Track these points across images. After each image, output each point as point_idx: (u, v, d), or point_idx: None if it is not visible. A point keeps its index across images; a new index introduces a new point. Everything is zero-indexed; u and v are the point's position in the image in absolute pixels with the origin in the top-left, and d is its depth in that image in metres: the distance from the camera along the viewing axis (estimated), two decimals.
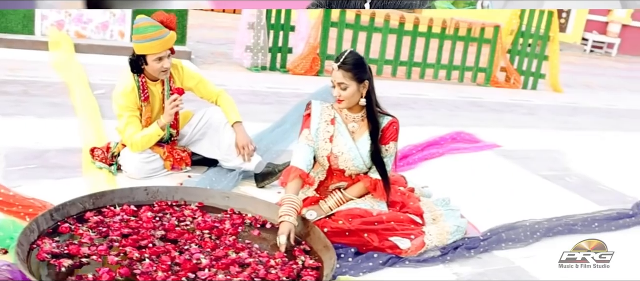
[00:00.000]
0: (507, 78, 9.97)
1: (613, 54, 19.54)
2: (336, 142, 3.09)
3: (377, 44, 8.75)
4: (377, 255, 2.87)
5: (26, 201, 2.89)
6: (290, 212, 2.82)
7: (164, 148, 3.64)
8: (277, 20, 8.07)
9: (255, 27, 7.89)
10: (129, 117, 3.50)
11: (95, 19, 7.71)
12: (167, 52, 3.47)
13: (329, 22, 8.29)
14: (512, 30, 9.84)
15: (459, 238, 3.20)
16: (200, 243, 2.63)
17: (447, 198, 3.62)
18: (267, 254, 2.62)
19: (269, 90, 6.83)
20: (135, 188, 3.01)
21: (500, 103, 8.12)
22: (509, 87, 9.76)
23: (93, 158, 3.60)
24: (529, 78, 9.93)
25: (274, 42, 8.12)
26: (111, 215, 2.79)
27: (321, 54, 8.31)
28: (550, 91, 9.98)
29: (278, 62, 8.22)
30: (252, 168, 3.70)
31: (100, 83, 5.74)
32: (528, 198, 4.27)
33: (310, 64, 8.22)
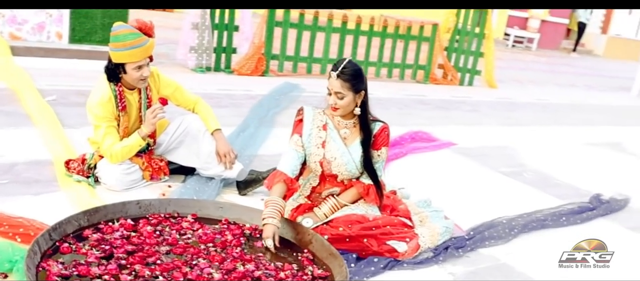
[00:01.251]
0: (445, 75, 10.22)
1: (533, 48, 20.37)
2: (329, 147, 3.11)
3: (321, 43, 8.78)
4: (378, 259, 2.92)
5: (13, 220, 2.76)
6: (273, 214, 2.82)
7: (142, 159, 3.55)
8: (221, 20, 7.97)
9: (199, 27, 7.76)
10: (107, 127, 3.40)
11: (30, 20, 7.39)
12: (147, 60, 3.38)
13: (273, 21, 8.25)
14: (449, 28, 10.10)
15: (448, 239, 3.28)
16: (208, 257, 2.59)
17: (428, 199, 3.70)
18: (275, 267, 2.60)
19: (221, 92, 6.74)
20: (128, 202, 2.92)
21: (444, 101, 8.33)
22: (447, 83, 10.02)
23: (69, 171, 3.47)
24: (465, 75, 10.21)
25: (218, 43, 8.01)
26: (110, 231, 2.70)
27: (266, 54, 8.27)
28: (485, 87, 10.30)
29: (222, 63, 8.12)
30: (234, 176, 3.66)
31: (47, 88, 5.53)
32: (495, 195, 4.42)
33: (255, 64, 8.17)
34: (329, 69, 3.03)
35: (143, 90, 3.54)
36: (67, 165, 3.50)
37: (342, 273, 2.55)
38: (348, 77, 2.95)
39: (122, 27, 3.33)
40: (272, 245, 2.74)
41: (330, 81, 2.98)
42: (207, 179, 3.68)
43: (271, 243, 2.74)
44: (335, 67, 2.97)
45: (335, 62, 3.04)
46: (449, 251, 3.18)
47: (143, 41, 3.32)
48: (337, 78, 2.95)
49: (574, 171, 5.41)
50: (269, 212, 2.83)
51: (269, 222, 2.79)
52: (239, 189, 3.65)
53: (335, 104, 3.01)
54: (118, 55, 3.33)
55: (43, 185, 3.38)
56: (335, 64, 3.01)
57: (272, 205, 2.86)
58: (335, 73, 2.95)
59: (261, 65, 8.21)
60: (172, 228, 2.84)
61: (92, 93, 3.45)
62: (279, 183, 2.97)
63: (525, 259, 3.30)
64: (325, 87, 3.04)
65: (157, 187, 3.58)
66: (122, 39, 3.29)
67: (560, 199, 4.47)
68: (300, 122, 3.16)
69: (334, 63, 3.03)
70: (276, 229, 2.78)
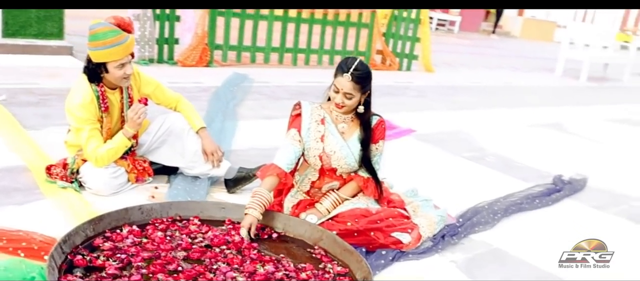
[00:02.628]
0: (383, 60, 10.38)
1: (455, 31, 20.93)
2: (327, 141, 3.11)
3: (263, 32, 8.71)
4: (385, 252, 2.95)
5: (10, 234, 2.62)
6: (255, 206, 2.82)
7: (127, 161, 3.44)
8: (162, 10, 7.76)
9: (141, 18, 7.53)
10: (90, 130, 3.26)
11: None
12: (129, 57, 3.26)
13: (216, 11, 8.11)
14: (386, 15, 10.23)
15: (442, 227, 3.35)
16: (226, 260, 2.55)
17: (415, 188, 3.76)
18: (295, 267, 2.59)
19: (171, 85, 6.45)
20: (130, 208, 2.83)
21: (389, 87, 8.44)
22: (386, 69, 10.17)
23: (51, 177, 3.32)
24: (403, 60, 10.39)
25: (160, 33, 7.81)
26: (120, 239, 2.61)
27: (210, 44, 8.13)
28: (423, 71, 10.51)
29: (165, 54, 7.93)
30: (222, 174, 3.60)
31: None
32: (466, 181, 4.54)
33: (200, 55, 8.02)
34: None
35: (125, 89, 3.41)
36: (49, 171, 3.34)
37: (363, 268, 2.57)
38: (360, 79, 2.96)
39: (100, 25, 3.20)
40: (246, 234, 2.73)
41: (340, 81, 2.96)
42: (192, 178, 3.61)
43: (245, 233, 2.73)
44: (347, 68, 2.94)
45: (343, 60, 3.02)
46: (446, 240, 3.26)
47: (123, 38, 3.20)
48: (349, 80, 2.93)
49: (529, 153, 5.62)
50: (251, 203, 2.83)
51: (249, 213, 2.79)
52: (228, 187, 3.60)
53: (342, 103, 3.00)
54: (98, 55, 3.20)
55: (24, 193, 3.21)
56: (344, 63, 2.98)
57: (257, 197, 2.85)
58: (347, 75, 2.93)
59: (205, 56, 8.07)
60: (181, 232, 2.78)
61: (71, 95, 3.30)
62: (271, 176, 2.95)
63: (515, 242, 3.42)
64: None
65: (143, 189, 3.47)
66: (102, 38, 3.16)
67: (526, 181, 4.65)
68: (297, 116, 3.14)
69: (343, 62, 3.00)
70: (255, 221, 2.78)
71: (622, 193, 4.72)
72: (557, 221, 3.88)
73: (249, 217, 2.77)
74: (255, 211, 2.79)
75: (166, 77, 6.77)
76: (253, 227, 2.77)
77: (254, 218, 2.78)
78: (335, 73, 3.02)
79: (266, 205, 2.86)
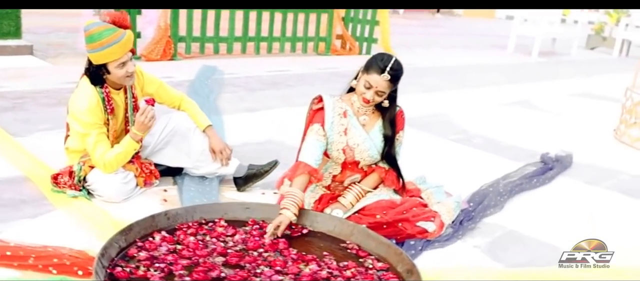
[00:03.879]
0: (343, 44, 10.38)
1: (400, 12, 21.07)
2: (351, 134, 3.07)
3: (225, 21, 8.57)
4: (414, 242, 2.95)
5: (38, 251, 2.50)
6: (290, 206, 2.77)
7: (135, 165, 3.32)
8: None
9: (101, 13, 7.27)
10: (97, 135, 3.13)
11: None
12: (129, 54, 3.14)
13: None
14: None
15: (459, 213, 3.37)
16: (266, 263, 2.49)
17: (423, 175, 3.76)
18: (337, 265, 2.55)
19: None
20: (156, 215, 2.73)
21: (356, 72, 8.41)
22: (347, 53, 10.18)
23: (58, 186, 3.18)
24: (363, 44, 10.40)
25: None
26: (153, 247, 2.53)
27: (173, 37, 7.94)
28: None
29: None
30: (231, 173, 3.53)
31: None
32: (461, 164, 4.60)
33: (164, 49, 7.82)
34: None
35: (129, 89, 3.30)
36: (55, 180, 3.20)
37: (404, 261, 2.56)
38: (395, 78, 2.94)
39: (94, 25, 3.07)
40: (270, 231, 2.69)
41: (375, 78, 2.92)
42: (200, 179, 3.52)
43: (271, 230, 2.69)
44: (384, 66, 2.90)
45: (376, 57, 2.96)
46: (464, 225, 3.28)
47: (120, 35, 3.07)
48: (387, 80, 2.91)
49: (510, 132, 5.73)
50: (286, 203, 2.78)
51: (284, 213, 2.74)
52: (238, 185, 3.53)
53: (373, 100, 2.97)
54: (97, 56, 3.08)
55: (33, 205, 3.07)
56: (380, 60, 2.92)
57: (291, 197, 2.81)
58: (385, 74, 2.89)
59: (170, 49, 7.89)
60: (211, 235, 2.70)
61: (75, 100, 3.15)
62: (302, 174, 2.90)
63: (526, 223, 3.48)
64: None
65: (152, 193, 3.37)
66: (97, 38, 3.03)
67: (516, 161, 4.73)
68: (319, 111, 3.08)
69: (377, 59, 2.94)
70: (288, 221, 2.74)
71: (607, 167, 4.86)
72: (558, 199, 3.97)
73: (282, 216, 2.72)
74: (289, 211, 2.74)
75: None
76: (282, 227, 2.71)
77: (287, 218, 2.72)
78: (367, 69, 2.97)
79: (300, 205, 2.81)
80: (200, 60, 7.89)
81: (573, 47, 14.57)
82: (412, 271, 2.49)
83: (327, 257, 2.61)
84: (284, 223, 2.73)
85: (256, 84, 6.88)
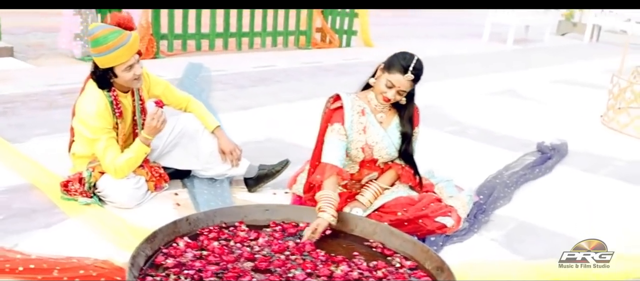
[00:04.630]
0: (323, 38, 10.36)
1: None
2: (369, 132, 3.06)
3: (207, 17, 8.48)
4: (434, 238, 2.95)
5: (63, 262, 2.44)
6: (327, 208, 2.75)
7: (145, 169, 3.26)
8: None
9: (83, 13, 7.15)
10: (107, 140, 3.07)
11: None
12: (136, 57, 3.08)
13: None
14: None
15: (472, 207, 3.38)
16: (296, 267, 2.47)
17: (431, 169, 3.77)
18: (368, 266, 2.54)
19: None
20: (178, 221, 2.68)
21: (341, 65, 8.44)
22: (328, 46, 10.16)
23: (69, 194, 3.10)
24: (343, 36, 10.39)
25: None
26: (179, 253, 2.48)
27: (155, 35, 7.82)
28: (362, 46, 10.56)
29: None
30: (242, 173, 3.49)
31: None
32: (460, 155, 4.62)
33: (146, 47, 7.70)
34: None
35: (136, 91, 3.24)
36: (66, 188, 3.12)
37: (432, 258, 2.56)
38: (418, 77, 2.92)
39: (99, 28, 2.99)
40: (307, 235, 2.67)
41: (398, 78, 2.90)
42: (209, 180, 3.47)
43: (309, 234, 2.67)
44: (407, 66, 2.88)
45: (399, 56, 2.93)
46: (478, 219, 3.30)
47: (126, 37, 3.00)
48: (410, 80, 2.90)
49: (503, 122, 5.78)
50: (324, 206, 2.75)
51: (322, 216, 2.72)
52: (248, 186, 3.49)
53: (394, 99, 2.95)
54: (103, 60, 3.00)
55: (45, 214, 2.99)
56: (402, 59, 2.90)
57: (327, 199, 2.78)
58: (409, 75, 2.88)
59: (152, 47, 7.77)
60: (235, 240, 2.67)
61: (83, 104, 3.09)
62: (332, 176, 2.88)
63: (536, 214, 3.52)
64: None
65: (163, 197, 3.32)
66: (103, 42, 2.95)
67: (513, 151, 4.78)
68: (338, 110, 3.05)
69: (399, 58, 2.91)
70: (327, 223, 2.71)
71: (602, 154, 4.94)
72: (561, 188, 4.02)
73: (320, 219, 2.70)
74: (326, 214, 2.71)
75: None
76: (320, 229, 2.69)
77: (325, 221, 2.70)
78: (388, 68, 2.94)
79: (337, 207, 2.79)
80: (183, 58, 7.77)
81: (546, 33, 14.78)
82: (442, 268, 2.49)
83: (356, 257, 2.59)
84: (322, 226, 2.70)
85: (244, 81, 6.82)
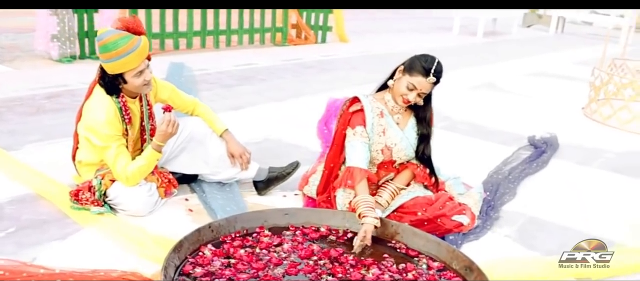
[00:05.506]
0: (298, 34, 10.33)
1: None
2: (388, 134, 3.06)
3: (184, 15, 8.38)
4: (453, 237, 2.97)
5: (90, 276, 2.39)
6: (369, 212, 2.77)
7: (155, 175, 3.21)
8: None
9: (59, 13, 6.99)
10: (117, 147, 3.01)
11: None
12: (146, 62, 3.03)
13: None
14: None
15: (482, 204, 3.42)
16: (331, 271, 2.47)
17: (438, 167, 3.78)
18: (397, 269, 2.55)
19: None
20: (202, 229, 2.65)
21: (322, 62, 8.43)
22: (304, 43, 10.13)
23: (79, 203, 3.03)
24: (318, 32, 10.38)
25: (80, 27, 7.29)
26: (207, 262, 2.46)
27: None
28: (338, 42, 10.56)
29: (87, 49, 7.42)
30: (251, 177, 3.45)
31: None
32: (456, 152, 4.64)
33: None
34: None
35: (143, 96, 3.18)
36: (77, 197, 3.04)
37: (459, 258, 2.58)
38: (438, 80, 2.93)
39: (109, 33, 2.92)
40: (358, 243, 2.68)
41: (420, 81, 2.90)
42: (218, 184, 3.44)
43: (358, 242, 2.68)
44: (429, 69, 2.88)
45: (420, 59, 2.92)
46: (490, 216, 3.33)
47: (136, 43, 2.94)
48: (432, 83, 2.92)
49: (490, 116, 5.85)
50: (365, 210, 2.77)
51: (367, 221, 2.73)
52: (258, 189, 3.46)
53: (415, 101, 2.96)
54: (114, 66, 2.94)
55: (57, 225, 2.91)
56: (424, 62, 2.90)
57: (366, 203, 2.80)
58: (431, 78, 2.89)
59: None
60: (260, 246, 2.65)
61: (91, 112, 3.01)
62: (363, 180, 2.89)
63: (543, 209, 3.57)
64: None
65: (175, 203, 3.26)
66: (113, 47, 2.88)
67: (506, 145, 4.84)
68: (358, 112, 3.04)
69: (421, 61, 2.91)
70: (372, 227, 2.72)
71: (591, 146, 5.04)
72: (561, 181, 4.09)
73: (367, 226, 2.71)
74: (370, 218, 2.73)
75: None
76: (369, 235, 2.69)
77: (371, 226, 2.71)
78: (410, 70, 2.94)
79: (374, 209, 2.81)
80: (161, 57, 7.62)
81: (513, 26, 15.00)
82: (471, 267, 2.51)
83: (386, 259, 2.60)
84: (370, 231, 2.71)
85: (229, 80, 6.76)
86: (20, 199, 3.18)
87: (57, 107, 5.00)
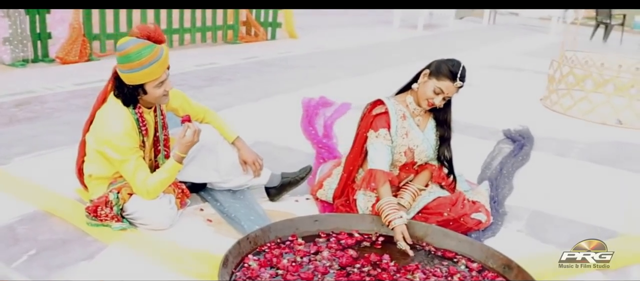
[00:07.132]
0: (248, 31, 10.26)
1: None
2: (411, 136, 3.11)
3: (137, 14, 8.18)
4: (475, 234, 3.06)
5: None
6: (395, 213, 2.83)
7: (171, 187, 3.14)
8: None
9: (11, 15, 6.69)
10: (136, 159, 2.93)
11: None
12: (167, 72, 2.97)
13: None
14: None
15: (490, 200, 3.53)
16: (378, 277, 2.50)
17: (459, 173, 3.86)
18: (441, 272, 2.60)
19: (79, 88, 5.95)
20: (241, 240, 2.61)
21: (279, 59, 8.41)
22: (254, 40, 10.07)
23: (99, 219, 2.93)
24: (268, 29, 10.34)
25: (32, 29, 6.99)
26: (254, 274, 2.45)
27: (87, 35, 7.45)
28: (287, 38, 10.56)
29: (40, 52, 7.13)
30: (264, 183, 3.44)
31: None
32: None
33: (80, 49, 7.31)
34: None
35: (158, 106, 3.12)
36: (95, 213, 2.94)
37: (495, 256, 2.67)
38: (464, 83, 2.99)
39: (131, 42, 2.81)
40: (405, 245, 2.73)
41: (448, 85, 2.96)
42: (232, 192, 3.40)
43: (404, 245, 2.73)
44: (456, 74, 2.95)
45: (446, 63, 2.99)
46: (498, 212, 3.44)
47: (159, 53, 2.85)
48: (459, 87, 2.98)
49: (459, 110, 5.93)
50: (391, 214, 2.82)
51: (396, 223, 2.78)
52: (270, 195, 3.45)
53: (438, 104, 3.03)
54: (135, 76, 2.84)
55: (78, 244, 2.80)
56: (451, 67, 2.96)
57: (391, 205, 2.85)
58: (459, 83, 2.96)
59: (85, 49, 7.38)
60: (301, 255, 2.66)
61: (107, 124, 2.90)
62: (386, 183, 2.93)
63: (542, 202, 3.71)
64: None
65: (191, 214, 3.20)
66: (136, 58, 2.79)
67: (486, 140, 4.99)
68: (382, 115, 3.07)
69: (447, 65, 2.97)
70: (405, 228, 2.78)
71: (562, 138, 5.27)
72: (548, 173, 4.27)
73: (400, 227, 2.77)
74: (400, 219, 2.79)
75: (57, 80, 6.14)
76: (406, 234, 2.77)
77: (403, 225, 2.78)
78: (436, 75, 2.99)
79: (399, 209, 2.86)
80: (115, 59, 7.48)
81: (449, 18, 15.38)
82: (509, 265, 2.60)
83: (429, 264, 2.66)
84: (405, 230, 2.78)
85: (196, 81, 6.65)
86: (30, 218, 3.04)
87: (31, 115, 4.80)
